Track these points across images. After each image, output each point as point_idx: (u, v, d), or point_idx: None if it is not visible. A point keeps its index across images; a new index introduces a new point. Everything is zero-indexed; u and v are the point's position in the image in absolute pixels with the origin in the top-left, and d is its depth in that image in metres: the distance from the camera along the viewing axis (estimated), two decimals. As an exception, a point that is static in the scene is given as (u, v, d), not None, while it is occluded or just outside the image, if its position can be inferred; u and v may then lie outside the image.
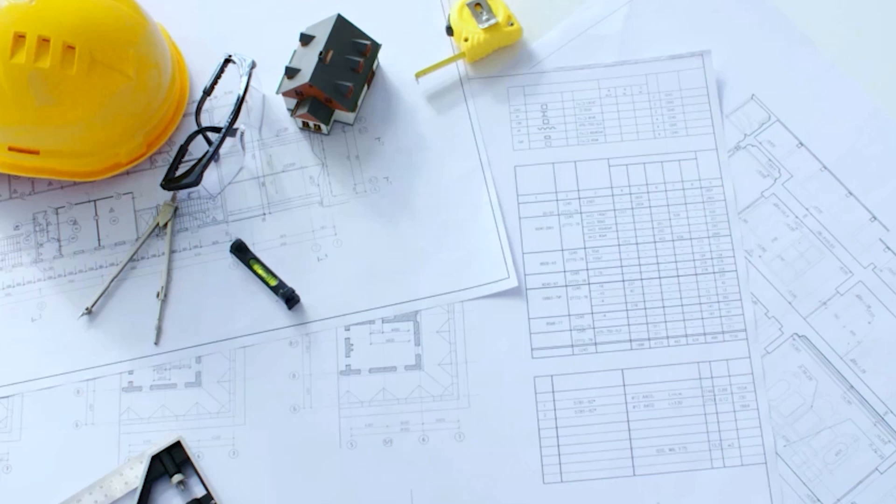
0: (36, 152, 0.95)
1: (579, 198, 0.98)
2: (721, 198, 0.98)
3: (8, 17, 0.89)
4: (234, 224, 0.99)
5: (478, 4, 1.02)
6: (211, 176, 0.98)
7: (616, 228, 0.97)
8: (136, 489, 0.89)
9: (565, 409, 0.92)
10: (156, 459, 0.90)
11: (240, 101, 0.96)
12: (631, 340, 0.94)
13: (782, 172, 0.98)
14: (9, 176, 1.00)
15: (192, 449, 0.91)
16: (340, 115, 1.00)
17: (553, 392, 0.92)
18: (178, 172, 0.97)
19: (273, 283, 0.95)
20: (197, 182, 0.96)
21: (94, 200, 1.00)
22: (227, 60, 0.99)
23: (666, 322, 0.94)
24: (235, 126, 0.97)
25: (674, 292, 0.95)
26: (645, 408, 0.92)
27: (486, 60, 1.03)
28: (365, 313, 0.95)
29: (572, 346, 0.94)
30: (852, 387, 0.92)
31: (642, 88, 1.01)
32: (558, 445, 0.91)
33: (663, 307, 0.95)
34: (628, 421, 0.92)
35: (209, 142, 0.98)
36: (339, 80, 0.98)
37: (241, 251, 0.97)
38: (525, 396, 0.92)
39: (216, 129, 0.98)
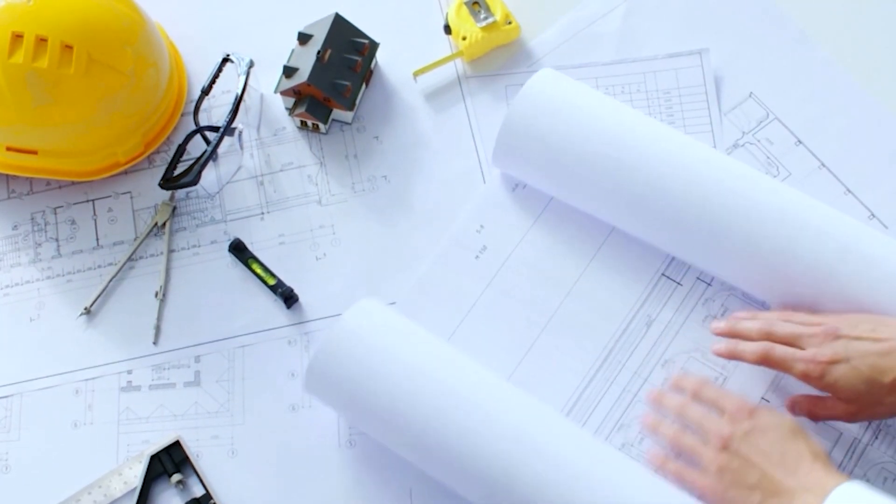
0: (34, 152, 0.95)
1: (578, 196, 0.98)
2: (719, 196, 0.98)
3: (6, 17, 0.89)
4: (232, 223, 0.99)
5: (476, 3, 1.02)
6: (209, 175, 0.98)
7: (615, 226, 0.98)
8: (135, 489, 0.89)
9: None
10: (155, 459, 0.90)
11: (238, 101, 0.96)
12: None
13: (781, 170, 0.98)
14: (7, 176, 1.00)
15: (191, 448, 0.91)
16: (338, 114, 1.00)
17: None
18: (177, 172, 0.97)
19: (271, 282, 0.95)
20: (195, 181, 0.96)
21: (93, 200, 1.00)
22: (225, 60, 0.99)
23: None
24: (234, 125, 0.97)
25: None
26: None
27: (484, 59, 1.03)
28: (364, 312, 0.95)
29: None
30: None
31: (640, 87, 1.01)
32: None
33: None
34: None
35: (207, 141, 0.98)
36: (337, 79, 0.98)
37: (239, 250, 0.97)
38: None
39: (214, 129, 0.98)
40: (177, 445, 0.91)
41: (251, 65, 0.98)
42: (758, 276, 0.89)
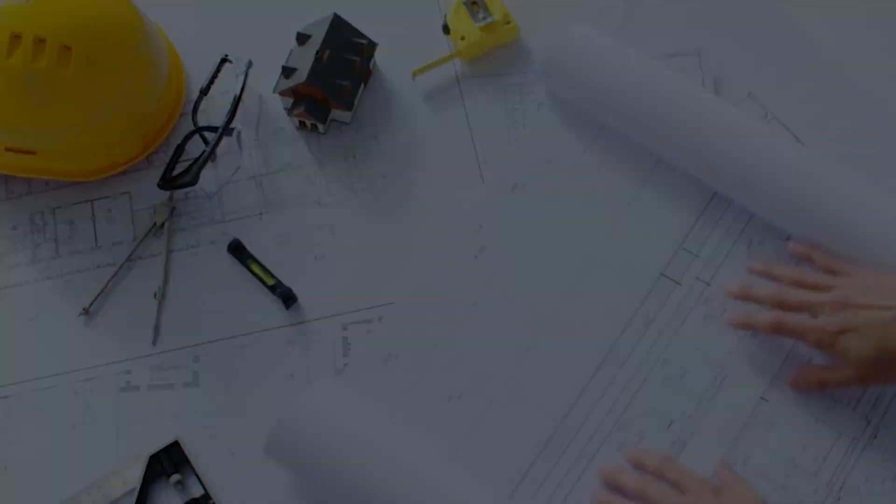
0: (33, 153, 0.95)
1: (577, 196, 0.99)
2: (719, 195, 0.98)
3: (4, 18, 0.89)
4: (231, 223, 0.99)
5: (474, 3, 1.02)
6: (208, 175, 0.98)
7: (613, 226, 0.98)
8: (134, 489, 0.89)
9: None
10: (154, 459, 0.90)
11: (236, 101, 0.96)
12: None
13: (780, 170, 0.98)
14: (5, 176, 1.00)
15: (189, 449, 0.91)
16: (337, 114, 1.00)
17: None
18: (175, 172, 0.97)
19: (270, 282, 0.95)
20: (194, 182, 0.96)
21: (91, 200, 1.00)
22: (224, 60, 0.99)
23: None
24: (232, 126, 0.97)
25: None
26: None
27: (482, 59, 1.03)
28: (362, 312, 0.95)
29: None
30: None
31: (639, 86, 1.01)
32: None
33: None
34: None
35: (206, 141, 0.98)
36: (335, 79, 0.98)
37: (238, 251, 0.97)
38: (523, 395, 0.92)
39: (213, 129, 0.98)
40: (176, 446, 0.91)
41: (250, 65, 0.98)
42: (789, 210, 0.91)
